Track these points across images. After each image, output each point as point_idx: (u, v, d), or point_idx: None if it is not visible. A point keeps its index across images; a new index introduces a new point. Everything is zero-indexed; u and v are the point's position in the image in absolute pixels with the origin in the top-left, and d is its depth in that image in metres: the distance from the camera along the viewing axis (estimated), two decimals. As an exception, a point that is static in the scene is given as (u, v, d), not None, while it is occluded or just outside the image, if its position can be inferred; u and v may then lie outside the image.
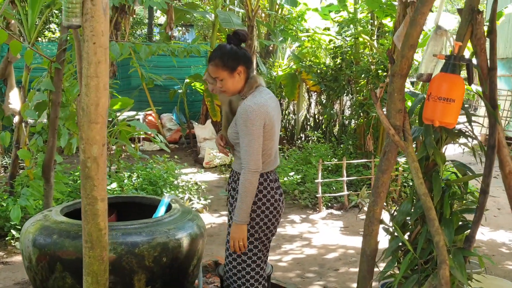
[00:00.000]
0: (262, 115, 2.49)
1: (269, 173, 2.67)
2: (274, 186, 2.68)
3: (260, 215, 2.62)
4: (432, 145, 2.35)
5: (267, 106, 2.53)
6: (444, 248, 2.20)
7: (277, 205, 2.68)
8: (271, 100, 2.61)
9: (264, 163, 2.60)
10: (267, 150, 2.60)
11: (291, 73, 9.92)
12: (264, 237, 2.70)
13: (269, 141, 2.59)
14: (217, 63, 2.53)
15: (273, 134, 2.60)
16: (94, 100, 1.78)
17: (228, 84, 2.56)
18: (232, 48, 2.55)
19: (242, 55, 2.55)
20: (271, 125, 2.55)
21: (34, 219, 3.11)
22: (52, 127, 3.57)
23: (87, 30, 1.73)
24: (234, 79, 2.55)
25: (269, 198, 2.63)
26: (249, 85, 2.59)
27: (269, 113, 2.53)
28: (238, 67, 2.53)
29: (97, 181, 1.89)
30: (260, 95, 2.56)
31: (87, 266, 2.03)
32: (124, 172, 6.79)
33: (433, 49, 2.25)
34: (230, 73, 2.53)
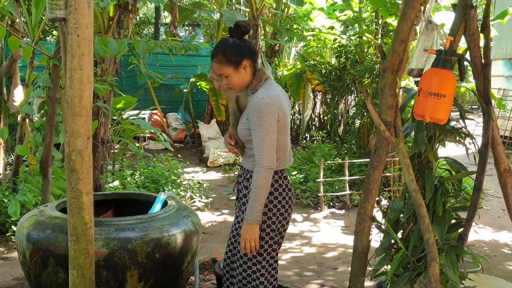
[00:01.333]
0: (276, 109, 2.38)
1: (283, 170, 2.57)
2: (288, 184, 2.60)
3: (276, 214, 2.51)
4: (423, 141, 2.33)
5: (280, 99, 2.43)
6: (435, 245, 2.18)
7: (291, 203, 2.61)
8: (282, 93, 2.51)
9: (280, 159, 2.50)
10: (282, 146, 2.50)
11: (297, 73, 9.89)
12: (279, 236, 2.59)
13: (284, 135, 2.49)
14: (220, 59, 2.41)
15: (287, 128, 2.51)
16: (78, 93, 1.78)
17: (234, 80, 2.44)
18: (235, 41, 2.42)
19: (246, 48, 2.42)
20: (284, 119, 2.46)
21: (30, 214, 3.12)
22: (50, 123, 3.59)
23: (71, 23, 1.73)
24: (240, 74, 2.42)
25: (284, 196, 2.54)
26: (257, 78, 2.46)
27: (282, 106, 2.43)
28: (243, 62, 2.41)
29: (82, 174, 1.89)
30: (271, 88, 2.45)
31: (73, 259, 2.03)
32: (127, 170, 6.81)
33: (424, 44, 2.23)
34: (235, 69, 2.41)
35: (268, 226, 2.51)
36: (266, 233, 2.51)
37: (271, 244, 2.55)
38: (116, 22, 5.56)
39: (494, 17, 7.16)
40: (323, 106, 10.80)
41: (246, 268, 2.59)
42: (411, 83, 6.78)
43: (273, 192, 2.49)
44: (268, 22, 10.44)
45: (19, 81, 6.50)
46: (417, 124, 2.35)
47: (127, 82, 11.45)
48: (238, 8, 10.62)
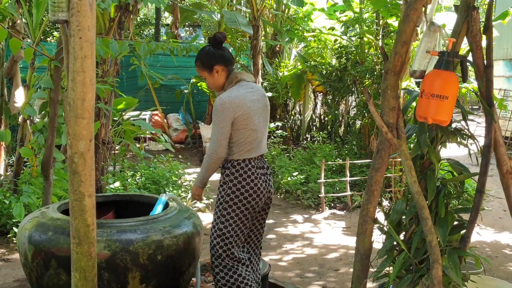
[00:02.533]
0: (232, 108, 2.77)
1: (251, 159, 2.89)
2: (257, 172, 2.90)
3: (239, 197, 2.87)
4: (426, 143, 2.32)
5: (241, 99, 2.79)
6: (437, 247, 2.17)
7: (257, 189, 2.89)
8: (251, 94, 2.87)
9: (244, 151, 2.86)
10: (245, 139, 2.84)
11: (297, 74, 9.89)
12: (242, 219, 2.91)
13: (246, 130, 2.83)
14: (198, 64, 2.92)
15: (251, 124, 2.84)
16: (81, 95, 1.78)
17: (210, 82, 2.93)
18: (209, 49, 2.89)
19: (218, 55, 2.87)
20: (245, 116, 2.80)
21: (32, 215, 3.12)
22: (51, 125, 3.59)
23: (73, 25, 1.73)
24: (214, 77, 2.89)
25: (249, 182, 2.86)
26: (229, 80, 2.89)
27: (243, 105, 2.79)
28: (215, 66, 2.86)
29: (84, 176, 1.88)
30: (237, 89, 2.84)
31: (75, 262, 2.03)
32: (127, 171, 6.80)
33: (427, 46, 2.22)
34: (209, 72, 2.89)
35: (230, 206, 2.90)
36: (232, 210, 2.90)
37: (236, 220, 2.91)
38: (117, 23, 5.56)
39: (495, 17, 7.16)
40: (324, 106, 10.80)
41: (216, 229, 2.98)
42: (412, 83, 6.78)
43: (237, 177, 2.86)
44: (268, 23, 10.44)
45: (20, 82, 6.49)
46: (420, 125, 2.35)
47: (128, 83, 11.44)
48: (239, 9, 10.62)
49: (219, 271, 2.98)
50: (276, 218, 5.98)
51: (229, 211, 2.90)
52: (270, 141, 8.98)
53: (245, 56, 11.21)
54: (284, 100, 10.53)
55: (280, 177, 7.15)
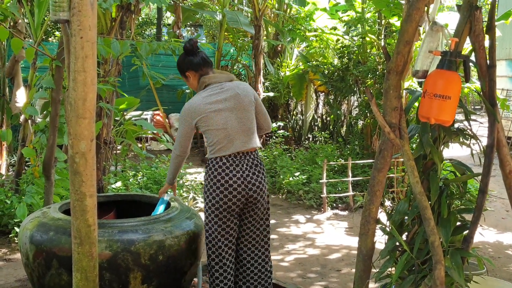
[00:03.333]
0: (190, 114, 2.97)
1: (223, 157, 2.97)
2: (230, 170, 2.96)
3: (212, 194, 2.97)
4: (429, 143, 2.31)
5: (199, 104, 2.96)
6: (440, 248, 2.16)
7: (229, 186, 2.94)
8: (215, 95, 2.99)
9: (215, 149, 2.98)
10: (213, 138, 2.97)
11: (299, 74, 9.87)
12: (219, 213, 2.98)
13: (211, 130, 2.97)
14: (178, 70, 3.16)
15: (213, 124, 2.95)
16: (82, 95, 1.77)
17: (188, 84, 3.16)
18: (181, 56, 3.12)
19: (187, 61, 3.07)
20: (205, 118, 2.95)
21: (33, 215, 3.12)
22: (52, 125, 3.58)
23: (74, 25, 1.72)
24: (188, 81, 3.11)
25: (219, 179, 2.94)
26: (199, 85, 3.06)
27: (200, 109, 2.95)
28: (186, 72, 3.08)
29: (86, 176, 1.88)
30: (200, 94, 3.02)
31: (76, 262, 2.02)
32: (129, 171, 6.80)
33: (429, 46, 2.21)
34: (184, 77, 3.12)
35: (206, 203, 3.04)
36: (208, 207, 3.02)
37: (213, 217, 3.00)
38: (118, 23, 5.55)
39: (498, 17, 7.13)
40: (326, 106, 10.78)
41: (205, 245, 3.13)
42: (414, 83, 6.76)
43: (210, 175, 2.98)
44: (270, 23, 10.43)
45: (22, 82, 6.49)
46: (422, 125, 2.34)
47: (130, 83, 11.44)
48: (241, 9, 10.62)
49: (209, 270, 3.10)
50: (278, 219, 5.97)
51: (207, 210, 3.02)
52: (272, 141, 8.97)
53: (247, 56, 11.20)
54: (286, 100, 10.51)
55: (281, 177, 7.14)
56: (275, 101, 10.30)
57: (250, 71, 9.78)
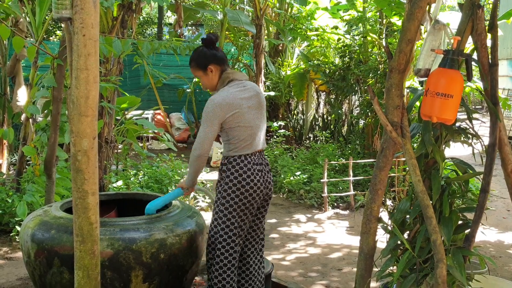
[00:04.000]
0: (222, 109, 2.80)
1: (247, 155, 2.90)
2: (253, 168, 2.90)
3: (236, 192, 2.87)
4: (430, 142, 2.31)
5: (231, 98, 2.83)
6: (442, 246, 2.16)
7: (254, 185, 2.89)
8: (242, 92, 2.88)
9: (240, 147, 2.89)
10: (239, 136, 2.87)
11: (300, 73, 9.87)
12: (239, 215, 2.91)
13: (240, 127, 2.86)
14: (193, 64, 2.95)
15: (243, 121, 2.86)
16: (84, 93, 1.77)
17: (205, 81, 2.96)
18: (202, 49, 2.93)
19: (210, 54, 2.90)
20: (237, 114, 2.83)
21: (34, 214, 3.12)
22: (54, 124, 3.58)
23: (77, 23, 1.72)
24: (208, 76, 2.92)
25: (245, 178, 2.87)
26: (221, 80, 2.92)
27: (233, 104, 2.82)
28: (209, 66, 2.89)
29: (88, 174, 1.88)
30: (228, 89, 2.87)
31: (78, 260, 2.02)
32: (130, 170, 6.80)
33: (431, 44, 2.21)
34: (204, 72, 2.92)
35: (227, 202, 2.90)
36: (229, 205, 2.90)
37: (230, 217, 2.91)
38: (120, 22, 5.55)
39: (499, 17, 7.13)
40: (327, 106, 10.77)
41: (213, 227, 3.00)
42: (416, 83, 6.76)
43: (233, 173, 2.88)
44: (271, 22, 10.42)
45: (23, 81, 6.50)
46: (424, 124, 2.34)
47: (131, 82, 11.46)
48: (242, 8, 10.62)
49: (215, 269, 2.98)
50: (279, 218, 5.97)
51: (228, 208, 2.90)
52: (273, 141, 8.97)
53: (247, 55, 11.20)
54: (286, 99, 10.50)
55: (282, 176, 7.14)
56: (276, 101, 10.30)
57: (251, 71, 9.78)
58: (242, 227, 2.95)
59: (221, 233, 2.94)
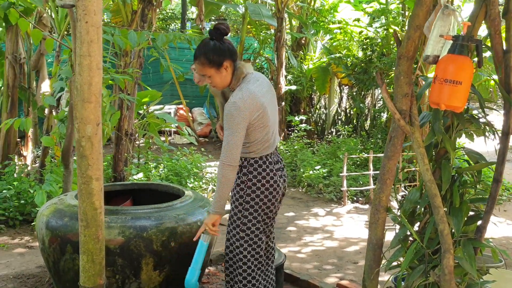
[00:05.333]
0: (248, 111, 2.52)
1: (268, 155, 2.72)
2: (274, 168, 2.73)
3: (260, 196, 2.68)
4: (440, 130, 2.26)
5: (254, 98, 2.55)
6: (449, 236, 2.11)
7: (276, 186, 2.72)
8: (260, 87, 2.63)
9: (261, 149, 2.68)
10: (263, 137, 2.65)
11: (322, 67, 9.78)
12: (264, 216, 2.74)
13: (263, 128, 2.63)
14: (202, 61, 2.56)
15: (266, 121, 2.63)
16: (87, 79, 1.79)
17: (217, 80, 2.61)
18: (215, 43, 2.56)
19: (226, 49, 2.57)
20: (262, 114, 2.59)
21: (50, 202, 3.19)
22: (71, 114, 3.64)
23: (80, 9, 1.74)
24: (222, 74, 2.59)
25: (268, 180, 2.69)
26: (236, 77, 2.63)
27: (257, 104, 2.56)
28: (224, 62, 2.56)
29: (92, 160, 1.91)
30: (246, 87, 2.58)
31: (83, 244, 2.06)
32: (151, 163, 6.89)
33: (440, 30, 2.16)
34: (217, 69, 2.57)
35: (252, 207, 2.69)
36: (250, 213, 2.70)
37: (255, 223, 2.72)
38: (139, 16, 5.61)
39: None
40: (350, 100, 10.67)
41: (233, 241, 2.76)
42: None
43: (256, 176, 2.66)
44: (294, 15, 10.37)
45: (47, 75, 6.64)
46: (434, 112, 2.28)
47: (153, 77, 11.57)
48: (264, 1, 10.59)
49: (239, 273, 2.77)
50: (297, 211, 5.95)
51: (253, 213, 2.70)
52: (294, 135, 8.93)
53: (269, 49, 11.17)
54: (309, 93, 10.44)
55: (302, 170, 7.10)
56: (297, 95, 10.25)
57: (272, 65, 9.75)
58: (265, 230, 2.80)
59: (247, 239, 2.72)
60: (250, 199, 2.69)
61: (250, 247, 2.74)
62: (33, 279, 3.59)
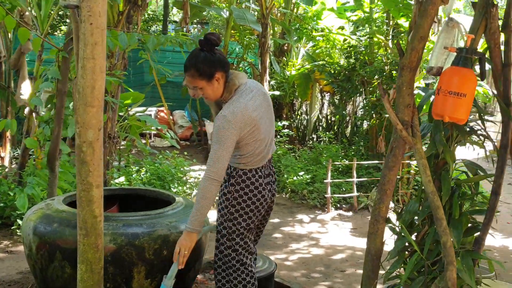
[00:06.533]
0: (238, 126, 2.44)
1: (259, 168, 2.67)
2: (264, 181, 2.69)
3: (245, 208, 2.65)
4: (442, 142, 2.27)
5: (246, 113, 2.47)
6: (452, 249, 2.12)
7: (263, 200, 2.69)
8: (252, 100, 2.54)
9: (253, 161, 2.62)
10: (255, 150, 2.59)
11: (305, 73, 9.81)
12: (247, 227, 2.70)
13: (255, 142, 2.57)
14: (192, 73, 2.47)
15: (258, 135, 2.57)
16: (90, 83, 1.73)
17: (209, 92, 2.52)
18: (206, 55, 2.47)
19: (217, 60, 2.48)
20: (253, 129, 2.52)
21: (37, 207, 3.09)
22: (58, 117, 3.55)
23: (84, 11, 1.68)
24: (213, 86, 2.50)
25: (256, 194, 2.65)
26: (228, 89, 2.53)
27: (248, 119, 2.48)
28: (215, 74, 2.48)
29: (93, 166, 1.84)
30: (238, 100, 2.50)
31: (81, 254, 1.98)
32: (133, 166, 6.77)
33: (444, 42, 2.17)
34: (208, 81, 2.48)
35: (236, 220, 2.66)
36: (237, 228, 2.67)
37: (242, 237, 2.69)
38: (125, 17, 5.52)
39: None
40: (331, 107, 10.73)
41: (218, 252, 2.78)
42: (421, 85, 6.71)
43: (243, 188, 2.62)
44: (277, 21, 10.38)
45: (27, 74, 6.46)
46: (435, 124, 2.29)
47: (134, 78, 11.42)
48: (247, 6, 10.57)
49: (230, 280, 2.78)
50: (282, 217, 5.92)
51: (237, 221, 2.67)
52: (276, 140, 8.93)
53: (253, 54, 11.16)
54: (290, 99, 10.46)
55: (285, 176, 7.09)
56: (280, 100, 10.26)
57: (256, 70, 9.74)
58: (250, 238, 2.76)
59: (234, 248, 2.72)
60: (235, 210, 2.66)
61: (237, 256, 2.73)
62: (14, 285, 3.47)
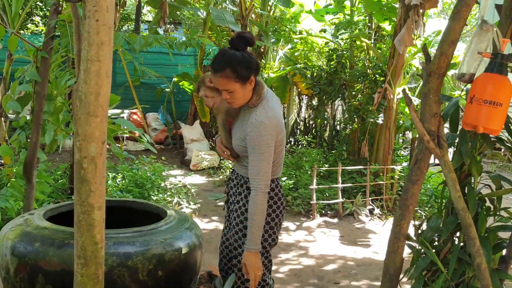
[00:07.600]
0: (275, 130, 2.29)
1: (278, 178, 2.51)
2: (281, 190, 2.54)
3: (270, 223, 2.44)
4: (468, 153, 2.11)
5: (277, 117, 2.34)
6: (487, 271, 1.95)
7: (283, 210, 2.52)
8: (278, 104, 2.43)
9: (276, 171, 2.45)
10: (279, 160, 2.44)
11: (283, 76, 9.66)
12: (276, 238, 2.51)
13: (281, 149, 2.43)
14: (228, 74, 2.22)
15: (284, 141, 2.43)
16: (95, 89, 1.47)
17: (239, 95, 2.29)
18: (244, 55, 2.25)
19: (254, 62, 2.28)
20: (283, 135, 2.38)
21: (14, 223, 2.78)
22: (36, 122, 3.24)
23: (89, 5, 1.43)
24: (246, 89, 2.29)
25: (279, 205, 2.48)
26: (257, 92, 2.33)
27: (280, 123, 2.35)
28: (251, 77, 2.27)
29: (95, 185, 1.57)
30: (268, 105, 2.33)
31: (79, 285, 1.71)
32: (108, 172, 6.43)
33: (478, 46, 2.01)
34: (242, 84, 2.26)
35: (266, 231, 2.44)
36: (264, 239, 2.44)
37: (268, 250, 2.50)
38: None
39: None
40: (309, 110, 10.60)
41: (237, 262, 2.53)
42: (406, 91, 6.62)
43: (268, 200, 2.39)
44: (254, 23, 10.18)
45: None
46: (462, 134, 2.13)
47: (106, 79, 11.03)
48: (225, 7, 10.33)
49: None
50: (266, 225, 5.71)
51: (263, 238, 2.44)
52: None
53: (229, 56, 10.92)
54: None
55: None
56: (257, 103, 10.06)
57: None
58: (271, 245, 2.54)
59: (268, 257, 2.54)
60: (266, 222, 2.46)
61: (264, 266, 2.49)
62: (-14, 310, 3.13)
